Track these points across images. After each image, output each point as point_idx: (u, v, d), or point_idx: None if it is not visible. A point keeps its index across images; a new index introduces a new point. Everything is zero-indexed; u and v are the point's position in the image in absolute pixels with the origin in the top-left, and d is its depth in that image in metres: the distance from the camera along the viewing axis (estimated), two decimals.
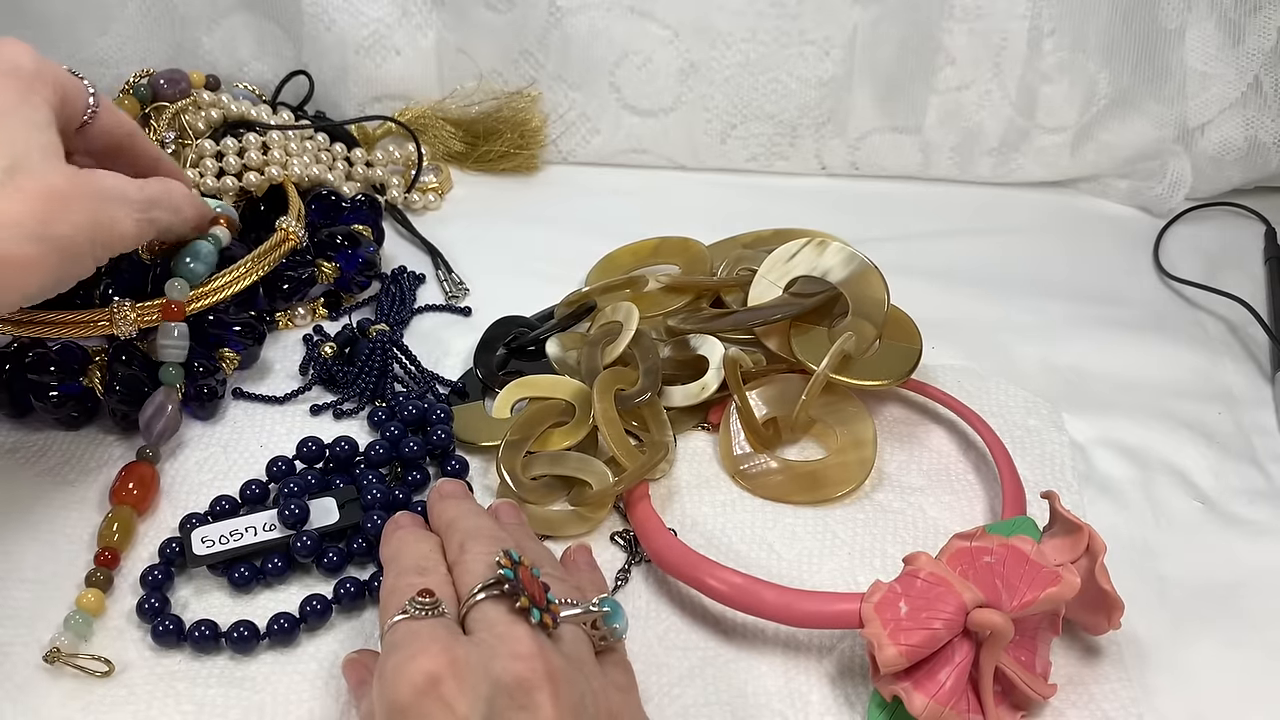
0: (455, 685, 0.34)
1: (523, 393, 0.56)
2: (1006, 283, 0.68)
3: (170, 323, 0.53)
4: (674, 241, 0.67)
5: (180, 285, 0.54)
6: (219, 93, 0.70)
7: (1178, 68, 0.70)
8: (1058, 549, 0.45)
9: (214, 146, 0.65)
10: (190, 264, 0.55)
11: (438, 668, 0.34)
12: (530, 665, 0.35)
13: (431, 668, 0.34)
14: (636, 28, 0.71)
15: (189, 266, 0.54)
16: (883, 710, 0.43)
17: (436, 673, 0.34)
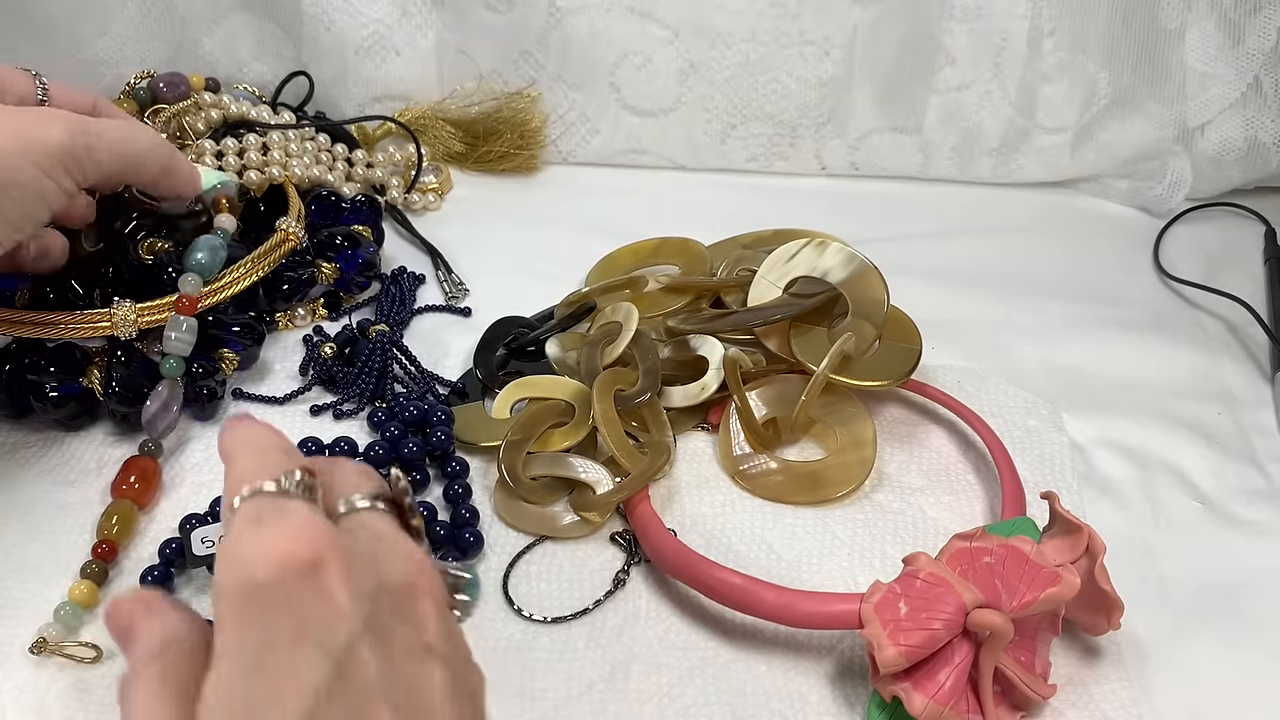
0: (339, 573, 0.28)
1: (523, 393, 0.56)
2: (1006, 283, 0.68)
3: (180, 315, 0.53)
4: (674, 242, 0.67)
5: (194, 280, 0.54)
6: (219, 94, 0.70)
7: (1178, 68, 0.70)
8: (1057, 549, 0.45)
9: (214, 147, 0.65)
10: (200, 258, 0.54)
11: (319, 552, 0.28)
12: (421, 570, 0.30)
13: (312, 551, 0.28)
14: (636, 28, 0.71)
15: (198, 260, 0.54)
16: (882, 710, 0.43)
17: (318, 557, 0.28)
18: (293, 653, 0.27)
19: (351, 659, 0.27)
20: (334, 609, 0.28)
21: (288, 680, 0.27)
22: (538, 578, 0.50)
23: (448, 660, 0.30)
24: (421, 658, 0.29)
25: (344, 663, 0.27)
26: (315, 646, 0.27)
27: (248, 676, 0.27)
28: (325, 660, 0.27)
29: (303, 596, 0.28)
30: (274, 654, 0.27)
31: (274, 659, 0.27)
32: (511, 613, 0.48)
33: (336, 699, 0.27)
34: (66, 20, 0.71)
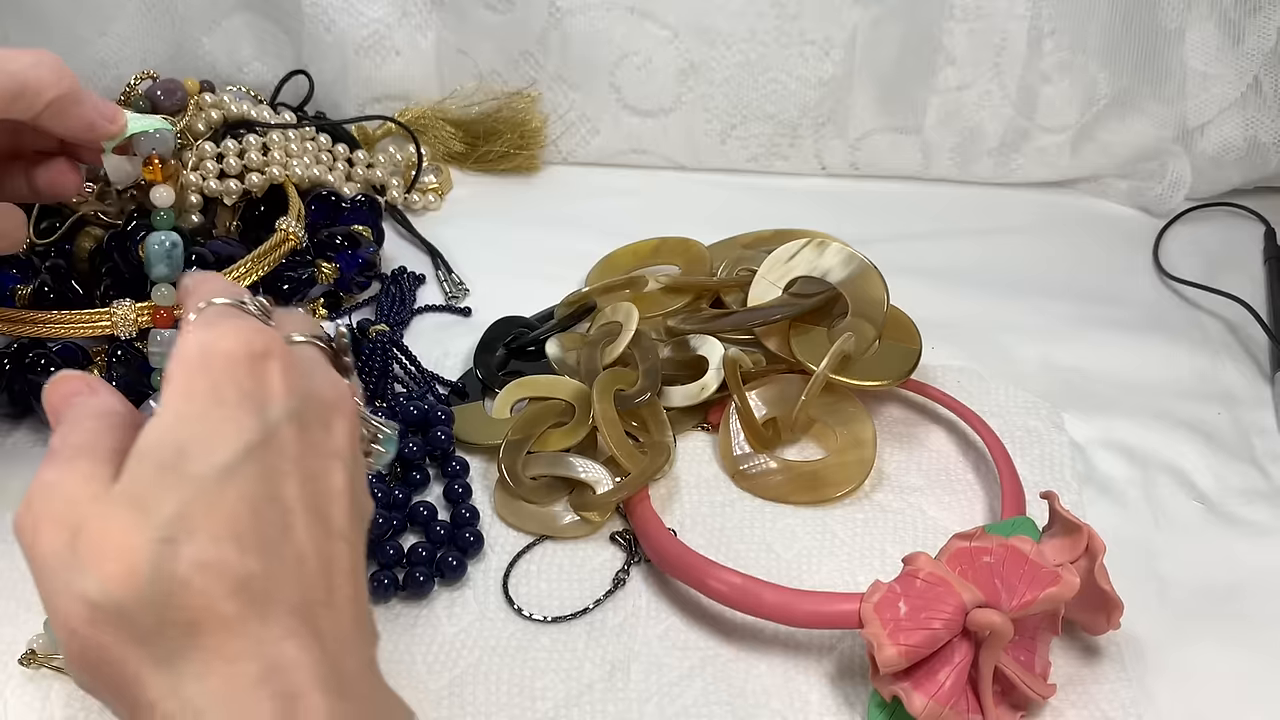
0: (281, 367, 0.32)
1: (523, 393, 0.56)
2: (1006, 283, 0.68)
3: (158, 329, 0.51)
4: (674, 242, 0.67)
5: (164, 291, 0.51)
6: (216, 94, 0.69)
7: (1178, 68, 0.70)
8: (1057, 549, 0.45)
9: (214, 149, 0.65)
10: (162, 271, 0.49)
11: (269, 346, 0.32)
12: (345, 396, 0.35)
13: (263, 344, 0.32)
14: (636, 28, 0.71)
15: (160, 273, 0.49)
16: (882, 710, 0.43)
17: (267, 349, 0.32)
18: (232, 412, 0.31)
19: (277, 433, 0.32)
20: (272, 391, 0.32)
21: (224, 432, 0.31)
22: (538, 577, 0.50)
23: (350, 471, 0.34)
24: (330, 458, 0.33)
25: (271, 434, 0.31)
26: (252, 414, 0.31)
27: (188, 423, 0.31)
28: (258, 426, 0.31)
29: (249, 375, 0.32)
30: (216, 410, 0.31)
31: (215, 414, 0.31)
32: (511, 612, 0.48)
33: (258, 459, 0.31)
34: (66, 20, 0.71)
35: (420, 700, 0.44)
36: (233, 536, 0.30)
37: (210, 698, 0.29)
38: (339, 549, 0.33)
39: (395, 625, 0.47)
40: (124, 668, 0.29)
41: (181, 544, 0.29)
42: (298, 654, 0.30)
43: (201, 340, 0.32)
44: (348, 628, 0.32)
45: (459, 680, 0.45)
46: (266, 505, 0.31)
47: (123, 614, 0.29)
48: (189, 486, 0.30)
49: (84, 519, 0.30)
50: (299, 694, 0.29)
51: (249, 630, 0.29)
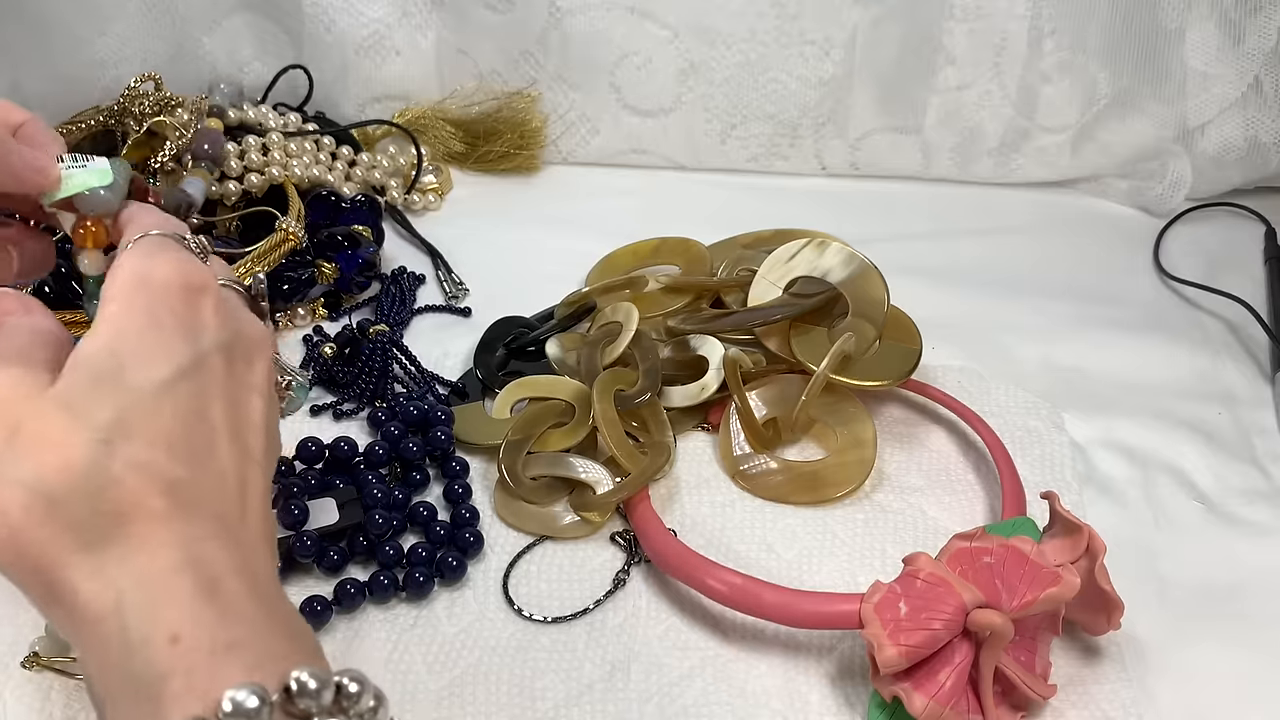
0: (215, 302, 0.35)
1: (523, 393, 0.56)
2: (1006, 283, 0.68)
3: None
4: (674, 242, 0.67)
5: None
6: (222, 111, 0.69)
7: (1178, 68, 0.70)
8: (1058, 549, 0.45)
9: (225, 141, 0.65)
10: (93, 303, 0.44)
11: (206, 280, 0.35)
12: (267, 339, 0.37)
13: (201, 278, 0.35)
14: (636, 28, 0.71)
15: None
16: (883, 710, 0.43)
17: (205, 283, 0.35)
18: (169, 335, 0.34)
19: (208, 360, 0.34)
20: (204, 322, 0.35)
21: (159, 352, 0.33)
22: (538, 578, 0.50)
23: (266, 406, 0.37)
24: (250, 390, 0.36)
25: (202, 360, 0.34)
26: (186, 339, 0.34)
27: (125, 339, 0.33)
28: (190, 351, 0.34)
29: (184, 303, 0.34)
30: (153, 331, 0.33)
31: (152, 334, 0.33)
32: (511, 613, 0.48)
33: (191, 380, 0.33)
34: (66, 20, 0.71)
35: (420, 700, 0.44)
36: (165, 444, 0.32)
37: (133, 579, 0.30)
38: (254, 472, 0.35)
39: (395, 625, 0.47)
40: (50, 553, 0.30)
41: (118, 445, 0.31)
42: (218, 551, 0.32)
43: (140, 267, 0.35)
44: (258, 543, 0.34)
45: (459, 680, 0.45)
46: (196, 422, 0.33)
47: (55, 501, 0.30)
48: (127, 395, 0.32)
49: (21, 417, 0.32)
50: (219, 578, 0.31)
51: (174, 526, 0.31)
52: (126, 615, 0.30)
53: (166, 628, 0.30)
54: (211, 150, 0.64)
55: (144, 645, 0.29)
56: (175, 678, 0.29)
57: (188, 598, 0.30)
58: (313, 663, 0.30)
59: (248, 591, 0.32)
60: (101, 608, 0.30)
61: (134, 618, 0.30)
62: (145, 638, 0.30)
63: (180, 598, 0.30)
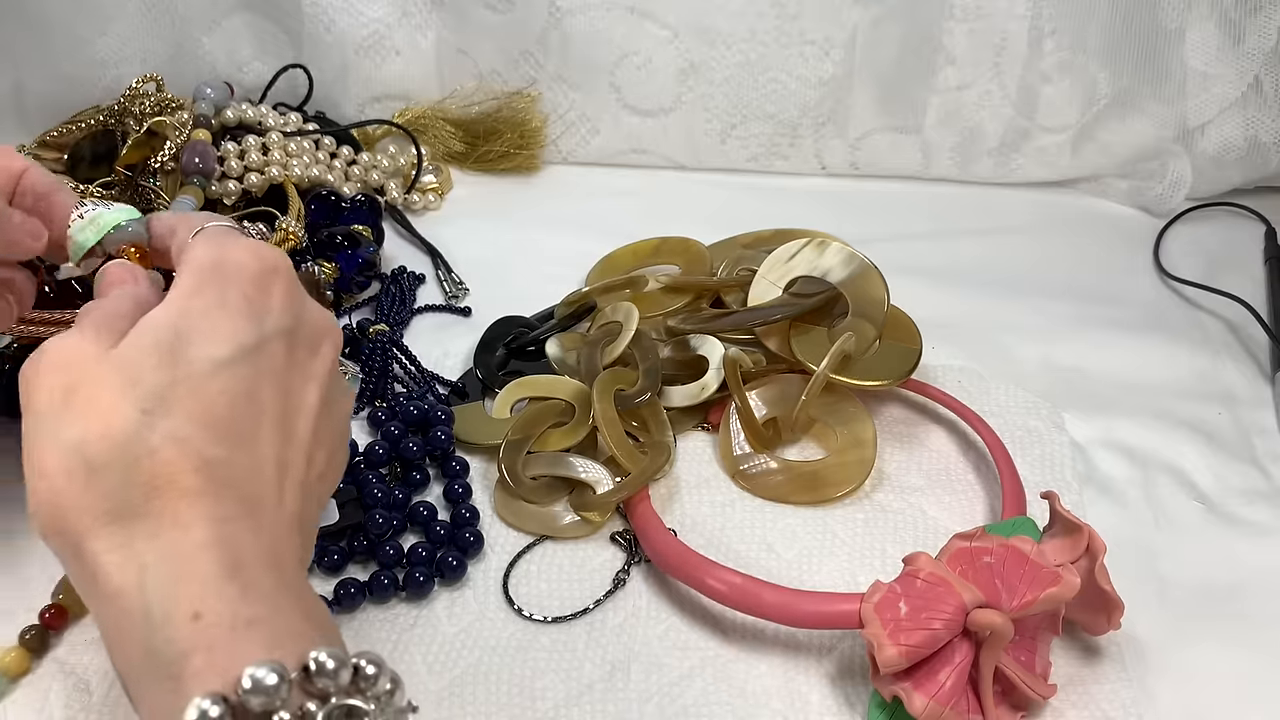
0: (285, 286, 0.36)
1: (523, 393, 0.56)
2: (1006, 283, 0.68)
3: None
4: (674, 241, 0.67)
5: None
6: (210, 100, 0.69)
7: (1178, 68, 0.70)
8: (1058, 549, 0.45)
9: (215, 151, 0.65)
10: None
11: (279, 264, 0.36)
12: (333, 326, 0.38)
13: (274, 261, 0.36)
14: (636, 28, 0.71)
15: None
16: (883, 710, 0.43)
17: (278, 267, 0.36)
18: (233, 315, 0.34)
19: (269, 344, 0.35)
20: (271, 305, 0.35)
21: (222, 330, 0.34)
22: (538, 578, 0.50)
23: (324, 394, 0.37)
24: (309, 378, 0.36)
25: (264, 343, 0.35)
26: (251, 320, 0.34)
27: (190, 316, 0.34)
28: (254, 333, 0.34)
29: (255, 285, 0.35)
30: (219, 310, 0.34)
31: (217, 313, 0.34)
32: (511, 613, 0.48)
33: (247, 362, 0.34)
34: (66, 20, 0.71)
35: (420, 700, 0.44)
36: (207, 422, 0.32)
37: (157, 554, 0.31)
38: (296, 459, 0.35)
39: (395, 625, 0.47)
40: (83, 520, 0.31)
41: (159, 417, 0.32)
42: (245, 533, 0.32)
43: (214, 250, 0.36)
44: (286, 532, 0.34)
45: (459, 680, 0.45)
46: (244, 404, 0.34)
47: (92, 467, 0.31)
48: (179, 369, 0.33)
49: (81, 377, 0.33)
50: (243, 558, 0.31)
51: (203, 504, 0.31)
52: (149, 591, 0.30)
53: (188, 604, 0.30)
54: (202, 164, 0.62)
55: (165, 622, 0.30)
56: (196, 654, 0.29)
57: (211, 575, 0.31)
58: (331, 644, 0.31)
59: (271, 573, 0.32)
60: (124, 581, 0.31)
61: (156, 594, 0.30)
62: (167, 614, 0.30)
63: (203, 575, 0.31)
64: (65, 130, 0.68)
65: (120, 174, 0.64)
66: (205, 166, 0.62)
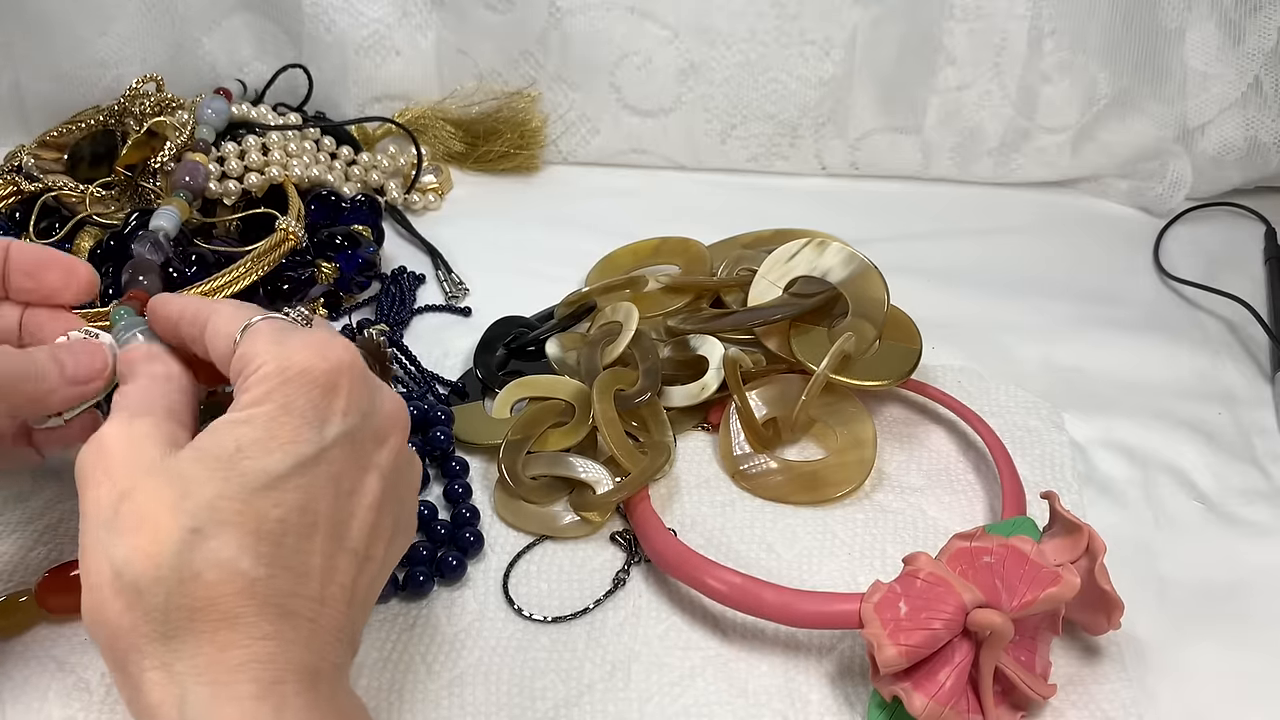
0: (350, 386, 0.36)
1: (523, 393, 0.56)
2: (1006, 283, 0.68)
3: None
4: (674, 241, 0.67)
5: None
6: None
7: (1178, 68, 0.70)
8: (1058, 549, 0.45)
9: (215, 151, 0.65)
10: None
11: (345, 365, 0.36)
12: (400, 411, 0.38)
13: (340, 361, 0.36)
14: (636, 28, 0.71)
15: None
16: (883, 710, 0.43)
17: (343, 368, 0.36)
18: (298, 425, 0.34)
19: (330, 450, 0.35)
20: (336, 412, 0.35)
21: (285, 441, 0.34)
22: (538, 578, 0.50)
23: (385, 484, 0.37)
24: (369, 469, 0.37)
25: (325, 450, 0.35)
26: (313, 428, 0.35)
27: (253, 425, 0.34)
28: (316, 442, 0.35)
29: (322, 389, 0.35)
30: (285, 418, 0.34)
31: (283, 422, 0.34)
32: (511, 612, 0.48)
33: (306, 474, 0.34)
34: (66, 20, 0.71)
35: (420, 700, 0.44)
36: (254, 540, 0.33)
37: (196, 675, 0.32)
38: (344, 561, 0.35)
39: (395, 625, 0.47)
40: (128, 633, 0.32)
41: (208, 538, 0.32)
42: (282, 651, 0.33)
43: (278, 355, 0.35)
44: (329, 631, 0.35)
45: (459, 680, 0.45)
46: (296, 517, 0.34)
47: (138, 587, 0.32)
48: (234, 482, 0.33)
49: (134, 485, 0.33)
50: (280, 678, 0.32)
51: (244, 624, 0.32)
52: (188, 708, 0.31)
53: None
54: (192, 182, 0.62)
55: None
56: None
57: (247, 696, 0.32)
58: None
59: (307, 690, 0.33)
60: (163, 699, 0.32)
61: (195, 712, 0.31)
62: None
63: (240, 696, 0.32)
64: (65, 130, 0.68)
65: (120, 174, 0.64)
66: (194, 184, 0.62)
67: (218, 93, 0.69)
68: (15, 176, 0.64)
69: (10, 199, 0.64)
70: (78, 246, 0.61)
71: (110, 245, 0.59)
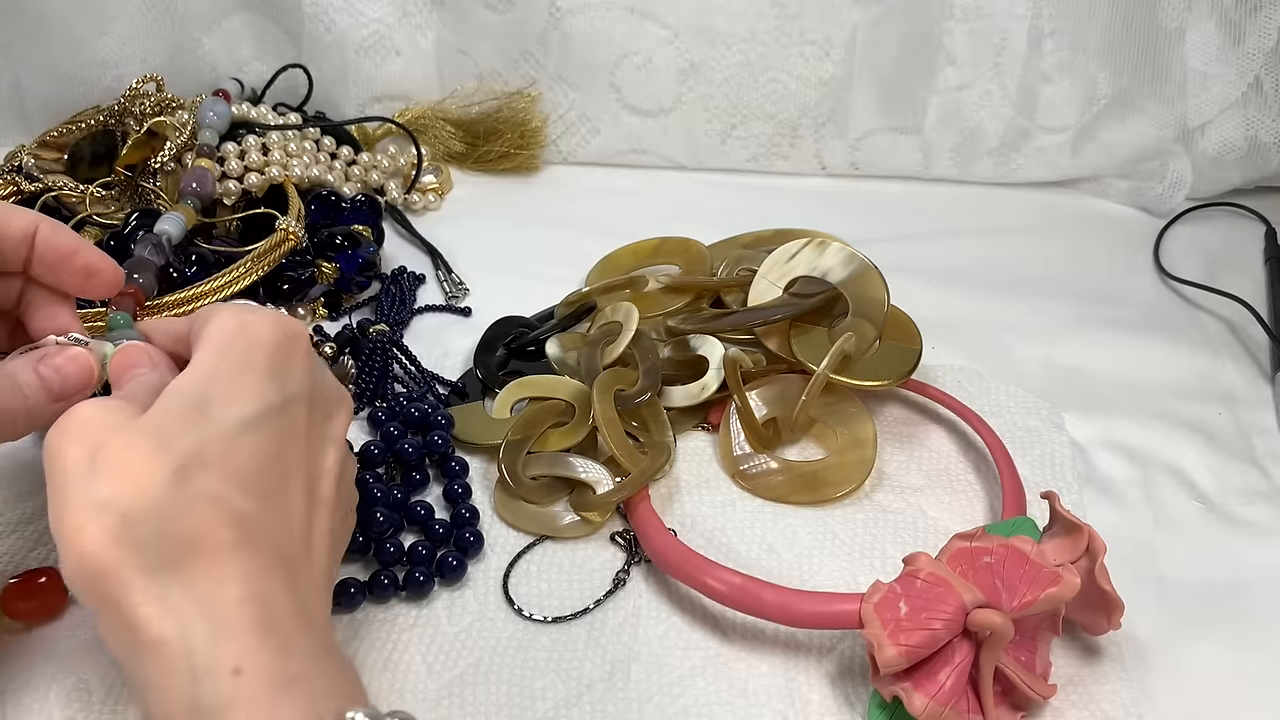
0: (305, 352, 0.38)
1: (523, 393, 0.56)
2: (1006, 283, 0.68)
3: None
4: (674, 241, 0.67)
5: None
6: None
7: (1178, 68, 0.70)
8: (1058, 549, 0.45)
9: (215, 179, 0.65)
10: None
11: (300, 332, 0.39)
12: (345, 394, 0.40)
13: (295, 329, 0.38)
14: (636, 28, 0.71)
15: None
16: (883, 710, 0.43)
17: (298, 334, 0.38)
18: (259, 378, 0.36)
19: (291, 406, 0.36)
20: (293, 370, 0.37)
21: (247, 391, 0.35)
22: (538, 578, 0.50)
23: (340, 457, 0.39)
24: (327, 440, 0.38)
25: (287, 405, 0.36)
26: (274, 383, 0.36)
27: (217, 379, 0.35)
28: (278, 394, 0.36)
29: (278, 351, 0.37)
30: (245, 372, 0.36)
31: (244, 375, 0.36)
32: (511, 612, 0.48)
33: (273, 422, 0.35)
34: (66, 20, 0.71)
35: (420, 700, 0.44)
36: (239, 479, 0.34)
37: (196, 607, 0.32)
38: (320, 516, 0.37)
39: (395, 625, 0.47)
40: (119, 573, 0.32)
41: (194, 475, 0.33)
42: (278, 588, 0.33)
43: (239, 317, 0.37)
44: (316, 589, 0.36)
45: (459, 680, 0.45)
46: (271, 462, 0.35)
47: (127, 521, 0.32)
48: (209, 428, 0.34)
49: (106, 440, 0.33)
50: (278, 614, 0.32)
51: (238, 559, 0.33)
52: (191, 642, 0.31)
53: (229, 659, 0.31)
54: (200, 189, 0.62)
55: (208, 674, 0.31)
56: (237, 708, 0.30)
57: (249, 631, 0.31)
58: (363, 702, 0.32)
59: (305, 632, 0.33)
60: (163, 631, 0.31)
61: (198, 645, 0.31)
62: (209, 667, 0.31)
63: (242, 630, 0.31)
64: (65, 130, 0.68)
65: (120, 174, 0.64)
66: (202, 192, 0.62)
67: (217, 94, 0.69)
68: (15, 176, 0.64)
69: (10, 199, 0.64)
70: None
71: (110, 245, 0.59)
